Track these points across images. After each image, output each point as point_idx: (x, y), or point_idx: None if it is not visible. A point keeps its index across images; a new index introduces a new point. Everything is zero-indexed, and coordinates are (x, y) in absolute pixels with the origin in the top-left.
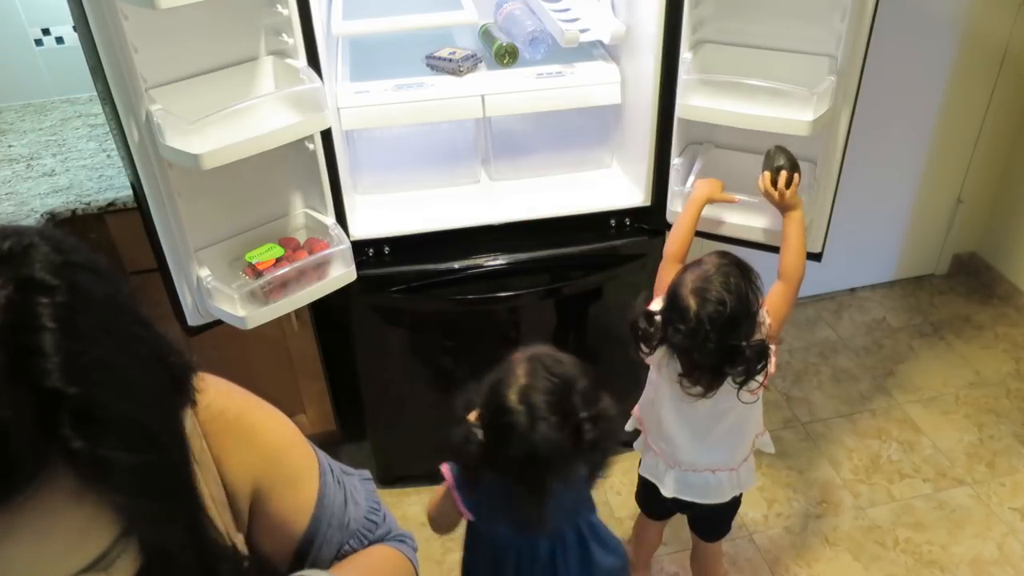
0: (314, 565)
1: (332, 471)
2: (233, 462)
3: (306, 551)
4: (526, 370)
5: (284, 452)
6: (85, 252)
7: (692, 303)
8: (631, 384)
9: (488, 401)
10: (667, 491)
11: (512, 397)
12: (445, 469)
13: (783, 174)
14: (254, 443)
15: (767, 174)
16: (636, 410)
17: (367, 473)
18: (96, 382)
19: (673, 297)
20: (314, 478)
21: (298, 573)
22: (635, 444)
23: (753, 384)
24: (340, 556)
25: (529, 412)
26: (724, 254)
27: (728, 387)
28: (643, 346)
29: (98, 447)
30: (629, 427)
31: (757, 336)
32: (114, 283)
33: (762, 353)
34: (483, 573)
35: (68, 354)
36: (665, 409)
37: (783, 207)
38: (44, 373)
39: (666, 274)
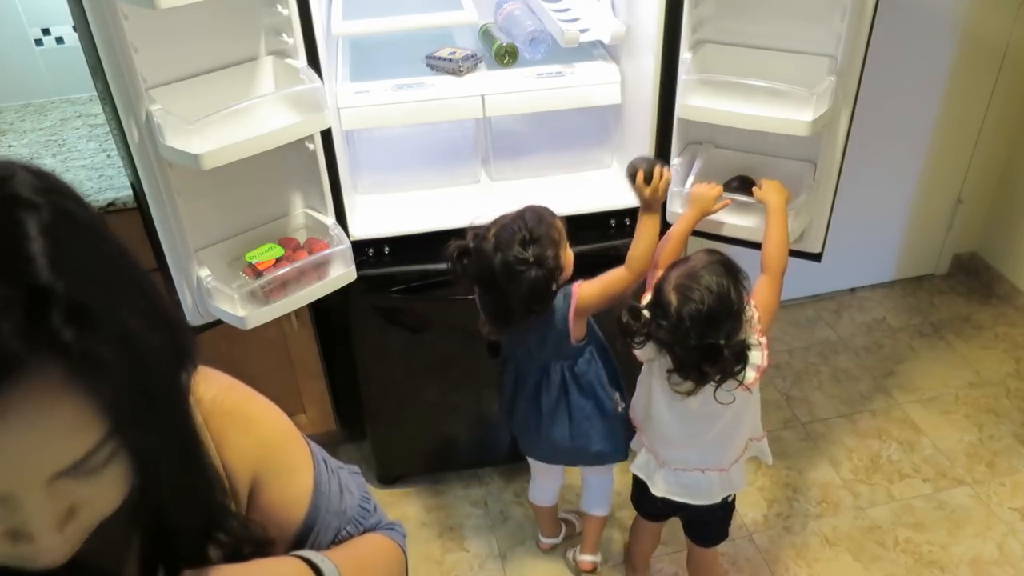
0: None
1: (326, 463)
2: (232, 450)
3: (305, 537)
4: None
5: (281, 441)
6: (67, 185)
7: (674, 299)
8: (629, 383)
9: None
10: (657, 490)
11: (492, 230)
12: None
13: (642, 174)
14: (252, 431)
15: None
16: (631, 409)
17: (356, 468)
18: (84, 282)
19: (658, 292)
20: (309, 467)
21: (294, 552)
22: (632, 443)
23: (732, 384)
24: (337, 541)
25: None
26: (711, 252)
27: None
28: (629, 340)
29: (86, 340)
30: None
31: (743, 335)
32: (99, 219)
33: (740, 354)
34: (510, 385)
35: (55, 256)
36: (656, 406)
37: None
38: (34, 272)
39: (654, 276)
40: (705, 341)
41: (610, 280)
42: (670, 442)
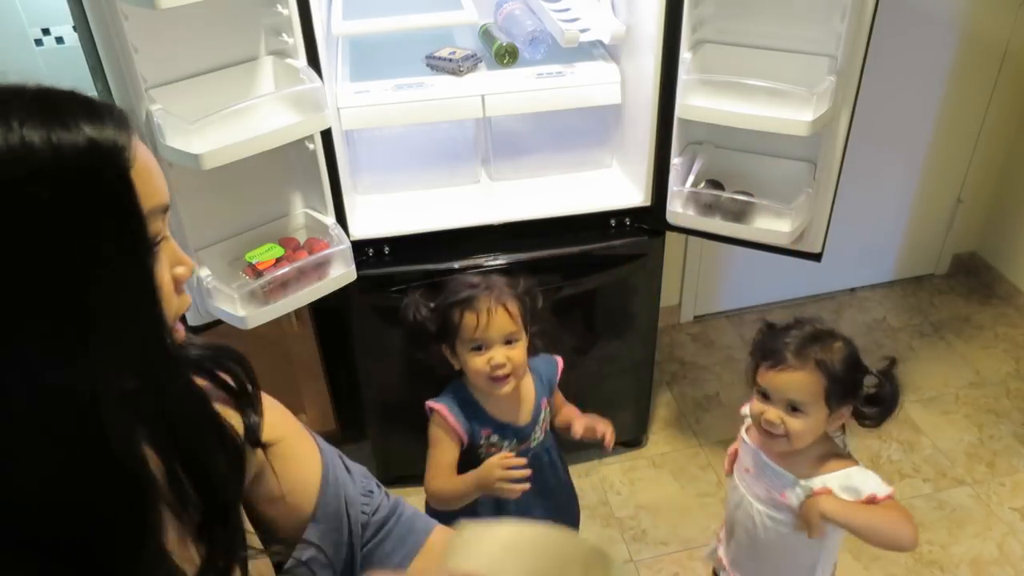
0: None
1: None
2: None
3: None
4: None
5: (282, 428)
6: None
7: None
8: (629, 383)
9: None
10: None
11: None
12: (432, 404)
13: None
14: (272, 410)
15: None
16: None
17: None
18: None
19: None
20: (315, 453)
21: (370, 573)
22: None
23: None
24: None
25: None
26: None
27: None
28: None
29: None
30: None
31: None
32: None
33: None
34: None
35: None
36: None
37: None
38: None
39: None
40: None
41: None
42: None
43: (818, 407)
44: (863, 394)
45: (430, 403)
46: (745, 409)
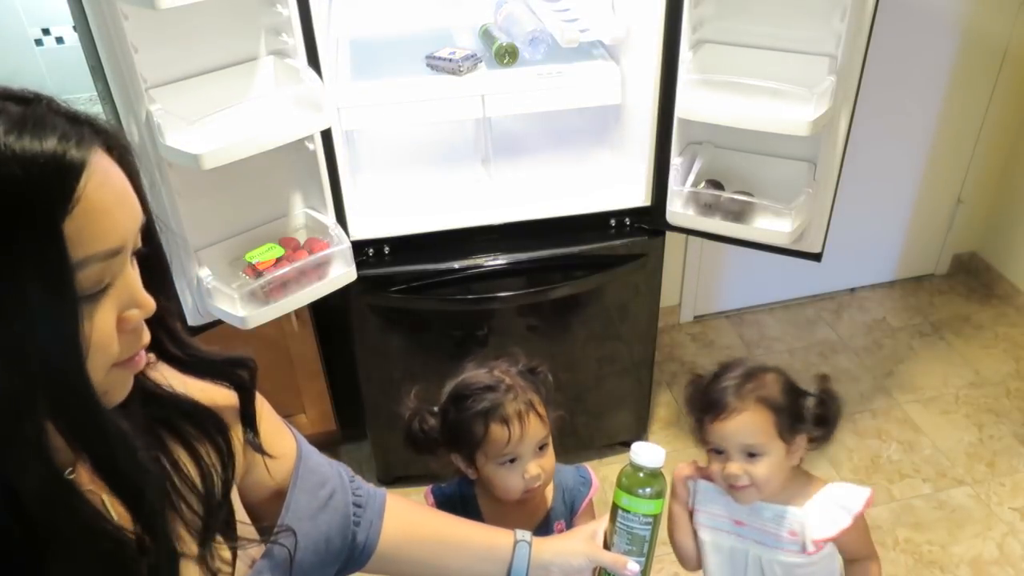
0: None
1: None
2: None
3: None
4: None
5: (264, 406)
6: None
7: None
8: (629, 383)
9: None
10: None
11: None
12: (430, 494)
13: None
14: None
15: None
16: None
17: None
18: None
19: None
20: (287, 433)
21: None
22: None
23: None
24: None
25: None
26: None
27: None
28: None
29: (131, 150)
30: None
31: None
32: None
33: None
34: None
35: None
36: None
37: None
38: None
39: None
40: None
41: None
42: None
43: (774, 444)
44: (809, 417)
45: (428, 492)
46: (689, 472)
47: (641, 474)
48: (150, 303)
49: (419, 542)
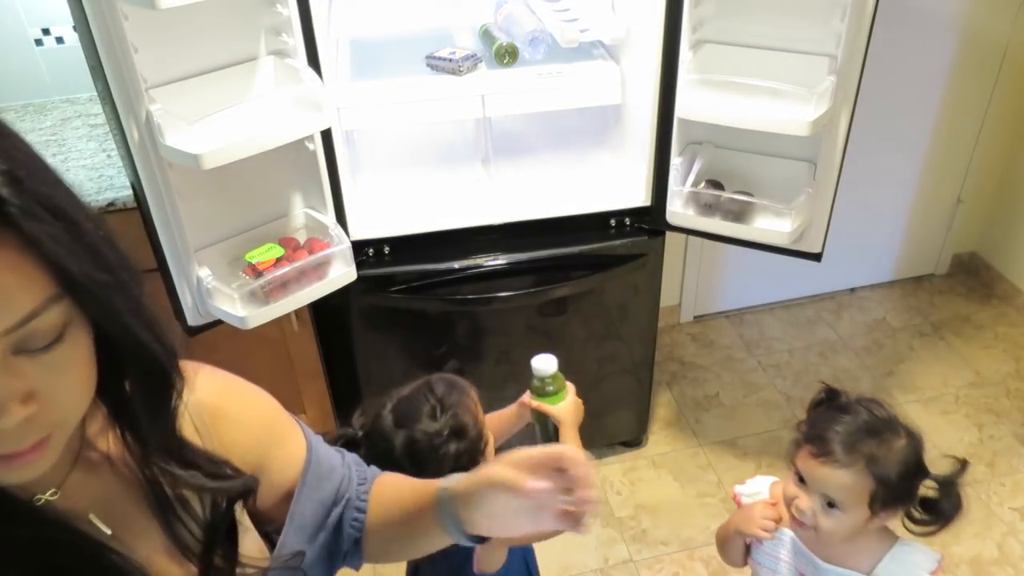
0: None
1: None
2: (229, 447)
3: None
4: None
5: (269, 423)
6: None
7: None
8: (629, 383)
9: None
10: None
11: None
12: None
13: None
14: (242, 426)
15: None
16: None
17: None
18: (18, 165)
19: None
20: (298, 432)
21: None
22: None
23: None
24: (359, 483)
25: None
26: None
27: None
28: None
29: (22, 199)
30: None
31: None
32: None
33: None
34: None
35: None
36: None
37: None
38: None
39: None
40: None
41: None
42: None
43: (858, 509)
44: (917, 499)
45: None
46: (741, 488)
47: (545, 379)
48: (14, 414)
49: (390, 528)
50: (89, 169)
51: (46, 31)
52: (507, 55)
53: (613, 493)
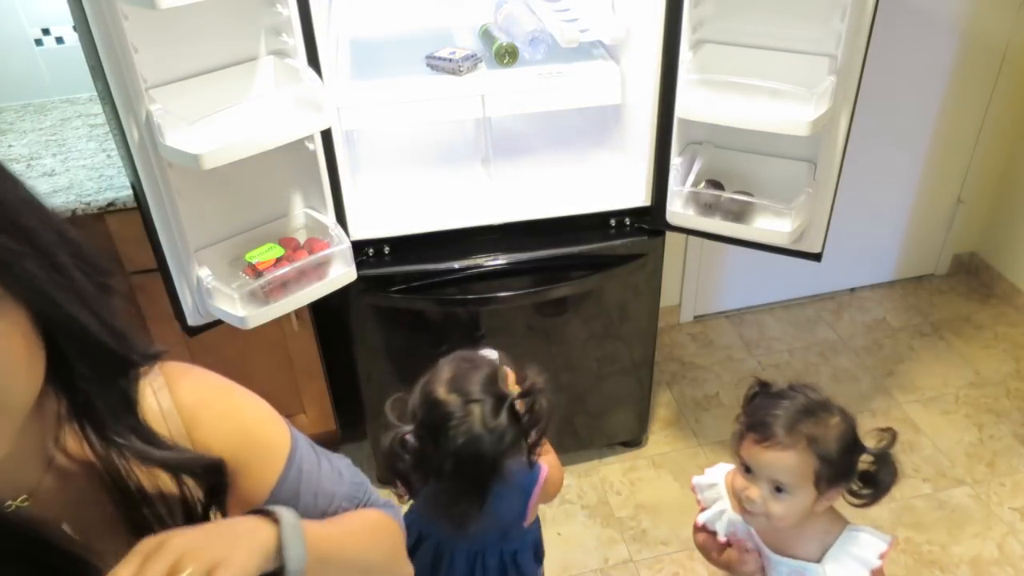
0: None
1: (313, 448)
2: (207, 431)
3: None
4: (449, 366)
5: (258, 429)
6: None
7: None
8: (629, 383)
9: (419, 404)
10: None
11: (441, 390)
12: None
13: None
14: (230, 416)
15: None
16: None
17: (345, 458)
18: None
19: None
20: (285, 448)
21: (255, 508)
22: None
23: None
24: (330, 514)
25: (462, 398)
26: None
27: None
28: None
29: None
30: None
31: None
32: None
33: None
34: (426, 569)
35: None
36: None
37: None
38: None
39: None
40: None
41: (558, 468)
42: None
43: (805, 489)
44: (857, 473)
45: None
46: (698, 479)
47: None
48: None
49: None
50: (89, 169)
51: (46, 31)
52: (507, 55)
53: (613, 493)
